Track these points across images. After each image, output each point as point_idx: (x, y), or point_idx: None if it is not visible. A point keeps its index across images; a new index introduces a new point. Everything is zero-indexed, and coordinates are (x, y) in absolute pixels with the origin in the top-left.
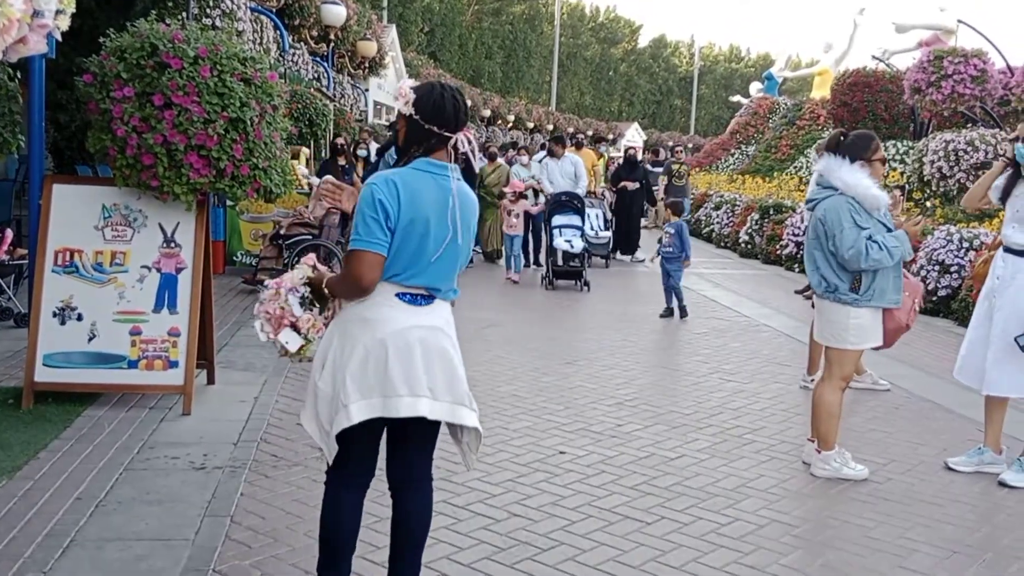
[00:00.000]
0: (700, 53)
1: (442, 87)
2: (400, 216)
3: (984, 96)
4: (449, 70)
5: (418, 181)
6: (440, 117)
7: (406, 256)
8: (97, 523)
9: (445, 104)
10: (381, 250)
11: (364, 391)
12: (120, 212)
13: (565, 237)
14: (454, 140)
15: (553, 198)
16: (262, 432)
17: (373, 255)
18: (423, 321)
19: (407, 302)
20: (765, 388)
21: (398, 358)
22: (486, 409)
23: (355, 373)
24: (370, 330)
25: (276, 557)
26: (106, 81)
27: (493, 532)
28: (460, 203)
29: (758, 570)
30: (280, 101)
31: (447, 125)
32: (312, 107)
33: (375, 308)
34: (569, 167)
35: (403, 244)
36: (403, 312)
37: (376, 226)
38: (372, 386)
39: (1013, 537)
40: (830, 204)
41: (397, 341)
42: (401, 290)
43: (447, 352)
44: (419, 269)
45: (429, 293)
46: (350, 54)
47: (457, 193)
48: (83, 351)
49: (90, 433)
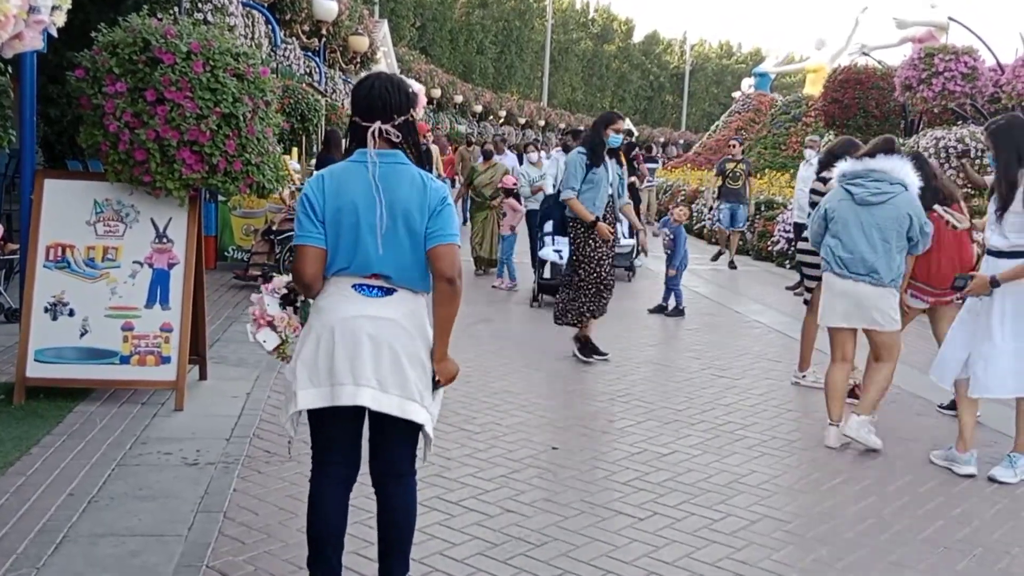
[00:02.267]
0: (691, 50)
1: (376, 79)
2: (326, 206)
3: (974, 93)
4: (441, 65)
5: (348, 172)
6: (357, 108)
7: (346, 247)
8: (90, 519)
9: (363, 95)
10: (313, 242)
11: (314, 379)
12: (112, 207)
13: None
14: (372, 129)
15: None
16: (255, 428)
17: (307, 248)
18: (375, 312)
19: (362, 293)
20: (757, 384)
21: (343, 346)
22: (479, 404)
23: (306, 360)
24: (321, 318)
25: (269, 553)
26: (98, 76)
27: (486, 528)
28: (386, 186)
29: (750, 565)
30: (273, 96)
31: (362, 115)
32: (304, 102)
33: (329, 298)
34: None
35: (339, 235)
36: (355, 302)
37: (306, 220)
38: (322, 374)
39: (1003, 532)
40: (913, 200)
41: (344, 329)
42: (358, 282)
43: (398, 345)
44: (366, 258)
45: (389, 286)
46: (342, 49)
47: (379, 177)
48: (75, 346)
49: (82, 429)
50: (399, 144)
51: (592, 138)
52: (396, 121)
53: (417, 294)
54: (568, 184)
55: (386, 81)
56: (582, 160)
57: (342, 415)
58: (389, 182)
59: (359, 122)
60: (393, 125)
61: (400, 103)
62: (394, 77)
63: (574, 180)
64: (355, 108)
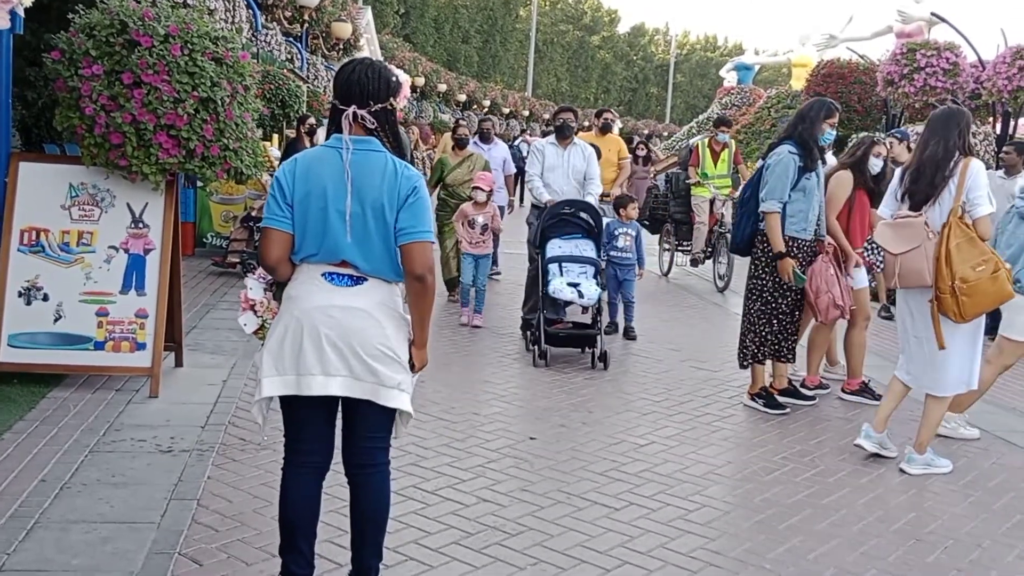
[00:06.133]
0: (676, 41)
1: (358, 64)
2: (295, 189)
3: (956, 89)
4: (425, 53)
5: (321, 156)
6: (337, 92)
7: (314, 232)
8: (62, 505)
9: (343, 79)
10: (278, 225)
11: (279, 367)
12: (88, 191)
13: (569, 278)
14: (347, 113)
15: (549, 211)
16: (230, 415)
17: (272, 231)
18: (344, 301)
19: (331, 281)
20: (735, 376)
21: (311, 336)
22: (457, 394)
23: (272, 348)
24: (290, 307)
25: (243, 541)
26: (75, 58)
27: (461, 517)
28: (357, 173)
29: (723, 555)
30: (252, 81)
31: (340, 99)
32: (285, 88)
33: (299, 286)
34: (578, 161)
35: (307, 220)
36: (324, 291)
37: (274, 203)
38: (287, 362)
39: (974, 525)
40: None
41: (312, 319)
42: (327, 270)
43: (368, 333)
44: (335, 244)
45: (360, 274)
46: (324, 35)
47: (351, 163)
48: (49, 331)
49: (55, 415)
50: (375, 131)
51: (804, 132)
52: (372, 108)
53: (388, 283)
54: (775, 193)
55: (367, 67)
56: (794, 162)
57: (314, 404)
58: (361, 169)
59: (337, 106)
60: (369, 111)
61: (378, 90)
62: (376, 64)
63: (782, 188)
64: (335, 92)
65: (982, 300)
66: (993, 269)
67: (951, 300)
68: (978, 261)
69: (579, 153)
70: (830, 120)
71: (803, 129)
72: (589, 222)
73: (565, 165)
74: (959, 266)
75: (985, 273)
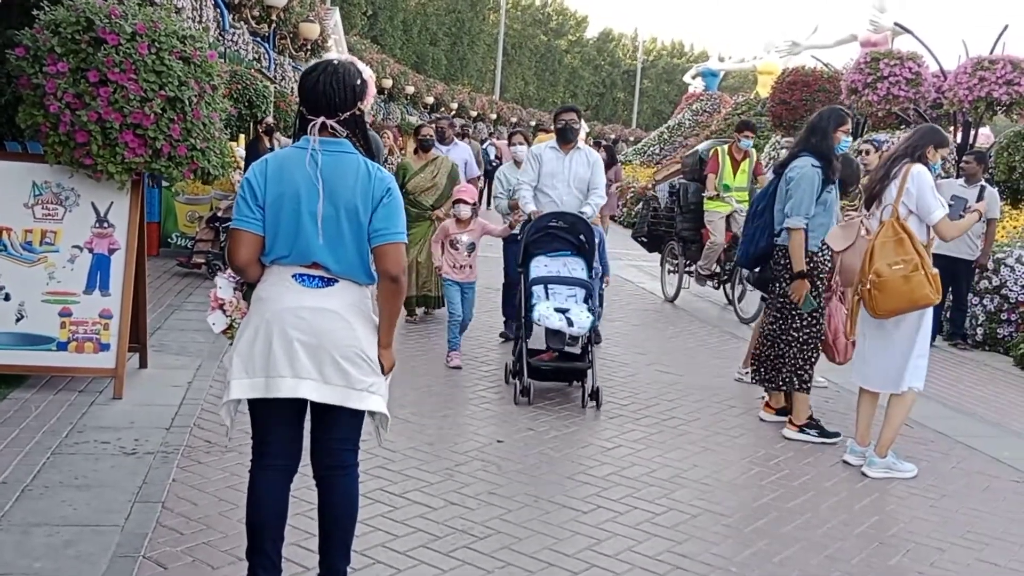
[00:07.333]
0: (643, 47)
1: (322, 72)
2: (267, 191)
3: (918, 99)
4: (393, 55)
5: (291, 158)
6: (303, 100)
7: (286, 234)
8: (23, 508)
9: (308, 87)
10: (248, 227)
11: (248, 369)
12: (51, 190)
13: (556, 302)
14: (315, 123)
15: (534, 225)
16: (195, 417)
17: (241, 232)
18: (315, 303)
19: (302, 283)
20: (700, 380)
21: (281, 338)
22: (426, 398)
23: (242, 351)
24: (260, 309)
25: (208, 544)
26: (39, 55)
27: (429, 520)
28: (330, 175)
29: (690, 559)
30: (219, 81)
31: (307, 109)
32: (252, 88)
33: (269, 287)
34: (582, 168)
35: (279, 221)
36: (294, 292)
37: (244, 204)
38: (257, 365)
39: (935, 528)
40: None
41: (282, 320)
42: (298, 271)
43: (338, 335)
44: (306, 247)
45: (330, 276)
46: (292, 36)
47: (323, 165)
48: (10, 332)
49: (16, 416)
50: (346, 135)
51: (819, 144)
52: (340, 117)
53: (359, 286)
54: (802, 208)
55: (331, 76)
56: (818, 175)
57: (283, 406)
58: (333, 171)
59: (305, 115)
60: (338, 121)
61: (345, 99)
62: (339, 69)
63: (808, 203)
64: (301, 99)
65: (892, 297)
66: (911, 270)
67: (867, 293)
68: (896, 260)
69: (583, 159)
70: (843, 128)
71: (817, 141)
72: (580, 237)
73: (567, 172)
74: (878, 261)
75: (899, 272)
